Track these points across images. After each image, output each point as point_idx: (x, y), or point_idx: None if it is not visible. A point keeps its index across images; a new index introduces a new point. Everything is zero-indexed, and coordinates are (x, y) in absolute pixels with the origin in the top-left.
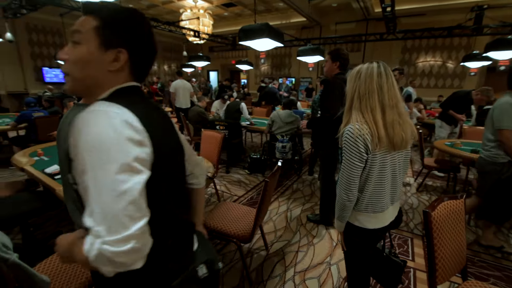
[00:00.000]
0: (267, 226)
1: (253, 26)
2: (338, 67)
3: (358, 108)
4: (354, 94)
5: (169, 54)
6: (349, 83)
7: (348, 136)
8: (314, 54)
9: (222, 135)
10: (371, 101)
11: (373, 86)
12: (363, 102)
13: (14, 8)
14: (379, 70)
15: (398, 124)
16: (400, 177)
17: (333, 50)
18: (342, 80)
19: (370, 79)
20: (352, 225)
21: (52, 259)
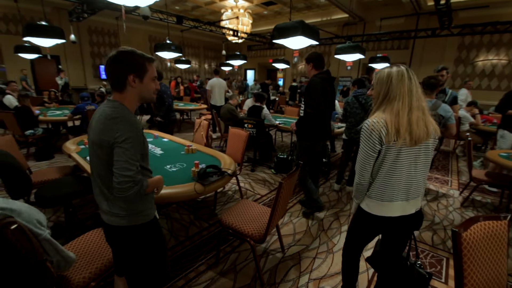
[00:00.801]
0: (286, 228)
1: (287, 24)
2: (313, 67)
3: (384, 108)
4: (385, 96)
5: (210, 53)
6: (379, 85)
7: (365, 128)
8: (354, 52)
9: (247, 133)
10: (401, 103)
11: (404, 90)
12: (393, 103)
13: (78, 13)
14: (408, 75)
15: (422, 120)
16: (421, 173)
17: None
18: (320, 78)
19: (402, 83)
20: (361, 208)
21: (83, 238)
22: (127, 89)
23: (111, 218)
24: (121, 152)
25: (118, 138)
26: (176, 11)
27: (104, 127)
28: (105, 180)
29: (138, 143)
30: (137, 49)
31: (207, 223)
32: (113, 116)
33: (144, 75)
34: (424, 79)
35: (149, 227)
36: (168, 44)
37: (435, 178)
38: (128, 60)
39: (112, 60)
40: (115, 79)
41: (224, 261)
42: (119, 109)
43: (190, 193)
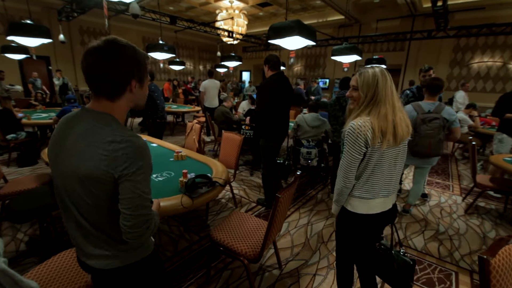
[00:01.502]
0: (283, 240)
1: (283, 24)
2: (269, 69)
3: (370, 110)
4: (372, 98)
5: (205, 55)
6: (365, 87)
7: (350, 131)
8: (351, 53)
9: (241, 138)
10: (387, 106)
11: (389, 91)
12: (380, 105)
13: (67, 12)
14: (389, 76)
15: (404, 120)
16: (399, 169)
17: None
18: (272, 80)
19: (386, 85)
20: (345, 209)
21: (54, 260)
22: (124, 97)
23: (105, 261)
24: (132, 186)
25: (126, 170)
26: (170, 12)
27: (105, 153)
28: (99, 221)
29: (150, 171)
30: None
31: (197, 235)
32: (115, 140)
33: (145, 79)
34: (427, 81)
35: (151, 258)
36: (161, 45)
37: (436, 183)
38: (132, 57)
39: (108, 54)
40: (112, 82)
41: (215, 280)
42: (118, 127)
43: (175, 207)
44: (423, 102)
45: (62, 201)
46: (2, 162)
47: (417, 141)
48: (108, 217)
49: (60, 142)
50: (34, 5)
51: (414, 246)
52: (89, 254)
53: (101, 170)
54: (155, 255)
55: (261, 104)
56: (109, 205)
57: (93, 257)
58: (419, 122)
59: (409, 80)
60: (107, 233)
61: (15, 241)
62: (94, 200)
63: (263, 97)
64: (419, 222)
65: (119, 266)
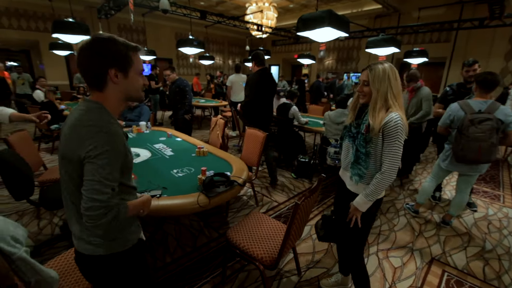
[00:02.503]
0: (304, 245)
1: (313, 14)
2: (255, 65)
3: (397, 105)
4: (388, 94)
5: (234, 49)
6: (377, 83)
7: (401, 124)
8: (387, 45)
9: (265, 135)
10: (401, 100)
11: (400, 87)
12: (399, 100)
13: (106, 10)
14: (398, 72)
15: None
16: None
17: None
18: (258, 74)
19: (396, 81)
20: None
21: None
22: (108, 87)
23: (83, 245)
24: (93, 169)
25: (90, 152)
26: (201, 7)
27: (75, 136)
28: (76, 201)
29: (117, 158)
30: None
31: (217, 232)
32: (86, 123)
33: (128, 69)
34: (477, 75)
35: (130, 254)
36: (191, 40)
37: (484, 191)
38: (107, 49)
39: (86, 49)
40: (91, 74)
41: (231, 281)
42: (95, 113)
43: (192, 206)
44: (473, 100)
45: (61, 181)
46: (46, 150)
47: (463, 144)
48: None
49: (63, 129)
50: (77, 5)
51: (454, 264)
52: (74, 234)
53: (72, 151)
54: (136, 252)
55: (248, 95)
56: (81, 186)
57: (76, 238)
58: (467, 123)
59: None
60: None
61: (51, 225)
62: (71, 180)
63: (250, 89)
64: (461, 236)
65: (102, 254)
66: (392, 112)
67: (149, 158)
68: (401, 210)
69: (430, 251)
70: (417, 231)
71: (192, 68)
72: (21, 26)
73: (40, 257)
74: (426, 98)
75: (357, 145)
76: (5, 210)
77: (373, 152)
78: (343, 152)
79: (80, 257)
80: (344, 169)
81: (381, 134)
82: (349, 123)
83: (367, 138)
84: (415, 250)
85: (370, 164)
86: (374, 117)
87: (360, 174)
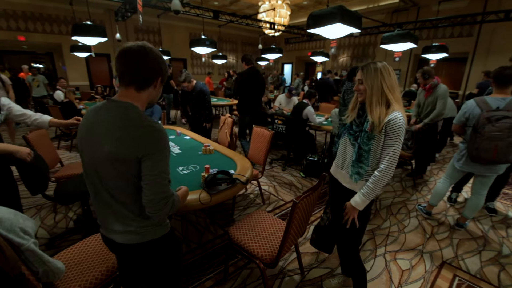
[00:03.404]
0: (308, 244)
1: (324, 11)
2: (245, 64)
3: (393, 100)
4: (383, 88)
5: (247, 48)
6: (370, 79)
7: (403, 123)
8: (403, 40)
9: (271, 133)
10: (397, 93)
11: (393, 81)
12: (394, 94)
13: (122, 12)
14: (390, 68)
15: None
16: None
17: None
18: (245, 73)
19: (389, 76)
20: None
21: (85, 243)
22: (147, 91)
23: (130, 236)
24: (153, 165)
25: (150, 150)
26: (215, 7)
27: (132, 137)
28: (126, 198)
29: (168, 153)
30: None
31: (222, 229)
32: (141, 123)
33: (165, 80)
34: (494, 70)
35: (169, 237)
36: (203, 40)
37: (503, 193)
38: (162, 60)
39: (144, 54)
40: (142, 76)
41: (234, 278)
42: (141, 114)
43: (193, 203)
44: (491, 97)
45: (92, 184)
46: (66, 147)
47: (479, 143)
48: (134, 194)
49: (90, 130)
50: (97, 8)
51: (466, 268)
52: (115, 230)
53: (129, 152)
54: (173, 234)
55: (236, 90)
56: (136, 183)
57: (118, 232)
58: (482, 121)
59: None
60: (133, 210)
61: (66, 219)
62: (124, 179)
63: (237, 84)
64: (476, 240)
65: (139, 242)
66: (394, 110)
67: None
68: (412, 211)
69: (442, 254)
70: (429, 233)
71: (206, 67)
72: (45, 30)
73: (54, 249)
74: (442, 96)
75: (360, 143)
76: (25, 204)
77: (374, 149)
78: (339, 150)
79: (125, 248)
80: (339, 167)
81: (383, 131)
82: (349, 121)
83: (370, 136)
84: (425, 252)
85: (369, 162)
86: (371, 112)
87: (361, 172)
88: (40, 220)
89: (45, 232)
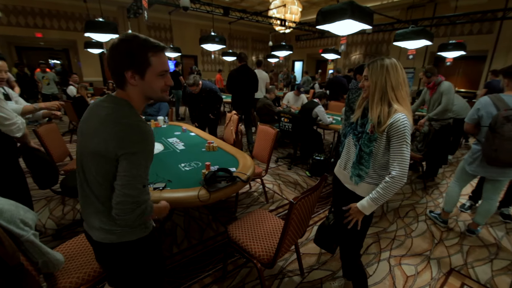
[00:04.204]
0: (310, 245)
1: (333, 6)
2: (239, 62)
3: (395, 99)
4: (386, 86)
5: (257, 45)
6: (374, 76)
7: (408, 125)
8: (417, 37)
9: (276, 132)
10: (403, 92)
11: (401, 79)
12: (398, 93)
13: (134, 9)
14: (399, 64)
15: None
16: None
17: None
18: (235, 70)
19: (397, 73)
20: None
21: (81, 238)
22: (128, 87)
23: (104, 235)
24: (129, 166)
25: (128, 149)
26: (225, 3)
27: (110, 132)
28: (102, 194)
29: (149, 156)
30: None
31: (224, 227)
32: (121, 121)
33: (145, 71)
34: (507, 67)
35: (147, 240)
36: (212, 36)
37: None
38: (125, 51)
39: (110, 50)
40: (113, 74)
41: (232, 276)
42: (127, 110)
43: (192, 200)
44: (507, 94)
45: (79, 176)
46: None
47: (498, 144)
48: (110, 192)
49: (86, 123)
50: (110, 5)
51: (476, 277)
52: (92, 226)
53: (108, 147)
54: (152, 237)
55: (228, 86)
56: (112, 181)
57: (95, 229)
58: (500, 120)
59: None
60: (109, 207)
61: (73, 211)
62: (101, 175)
63: (229, 81)
64: (488, 247)
65: (114, 242)
66: (397, 111)
67: (161, 151)
68: (421, 215)
69: (450, 261)
70: (437, 238)
71: (216, 64)
72: (61, 27)
73: (61, 239)
74: (446, 92)
75: (361, 145)
76: (35, 196)
77: (375, 151)
78: (344, 150)
79: (100, 246)
80: (342, 168)
81: (385, 133)
82: (355, 120)
83: (371, 137)
84: (433, 258)
85: (370, 164)
86: (371, 110)
87: (361, 174)
88: (49, 211)
89: (53, 223)
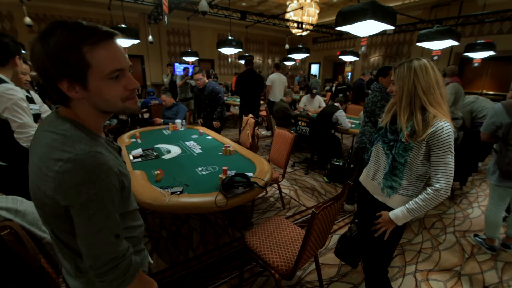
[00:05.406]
0: (329, 255)
1: (354, 7)
2: (245, 65)
3: (428, 103)
4: (416, 90)
5: (274, 48)
6: (400, 80)
7: (451, 133)
8: (443, 37)
9: (293, 136)
10: (436, 95)
11: (433, 81)
12: (430, 97)
13: (155, 15)
14: (431, 65)
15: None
16: None
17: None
18: (241, 73)
19: (428, 75)
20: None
21: None
22: (73, 103)
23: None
24: (84, 221)
25: (73, 200)
26: (243, 8)
27: (48, 173)
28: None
29: (111, 199)
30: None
31: (240, 232)
32: (61, 156)
33: (85, 75)
34: None
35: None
36: (229, 40)
37: None
38: (47, 52)
39: (30, 56)
40: (48, 87)
41: (249, 284)
42: (70, 138)
43: (209, 206)
44: None
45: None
46: None
47: (510, 158)
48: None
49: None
50: (132, 12)
51: None
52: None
53: (47, 193)
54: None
55: (236, 89)
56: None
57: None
58: None
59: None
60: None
61: None
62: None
63: (236, 84)
64: None
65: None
66: (436, 118)
67: (178, 155)
68: (449, 226)
69: (483, 278)
70: (468, 253)
71: (232, 67)
72: None
73: None
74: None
75: (394, 154)
76: None
77: (411, 161)
78: (372, 158)
79: None
80: (370, 177)
81: (424, 142)
82: (384, 125)
83: (407, 146)
84: (463, 275)
85: (404, 175)
86: (399, 116)
87: (394, 186)
88: None
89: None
